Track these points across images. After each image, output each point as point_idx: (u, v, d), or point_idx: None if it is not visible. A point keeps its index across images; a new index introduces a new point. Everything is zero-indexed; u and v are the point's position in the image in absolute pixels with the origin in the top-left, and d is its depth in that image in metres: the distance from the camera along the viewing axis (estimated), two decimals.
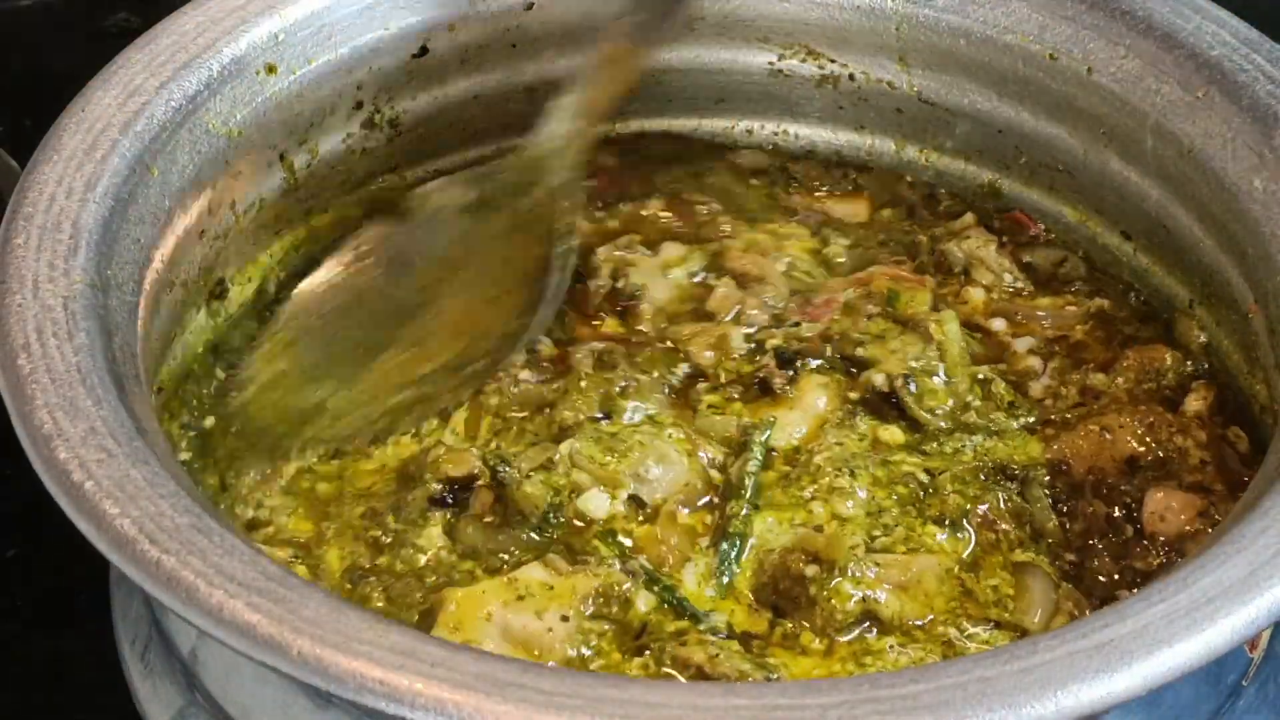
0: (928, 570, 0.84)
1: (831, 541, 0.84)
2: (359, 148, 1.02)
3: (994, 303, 0.99)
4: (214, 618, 0.67)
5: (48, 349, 0.77)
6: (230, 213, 0.95)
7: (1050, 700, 0.65)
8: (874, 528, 0.86)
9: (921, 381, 0.92)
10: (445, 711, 0.64)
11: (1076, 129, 0.99)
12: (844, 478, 0.87)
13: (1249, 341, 0.91)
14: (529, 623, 0.80)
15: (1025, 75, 1.00)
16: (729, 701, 0.65)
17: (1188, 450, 0.89)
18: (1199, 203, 0.93)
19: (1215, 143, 0.91)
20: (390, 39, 0.99)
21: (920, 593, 0.83)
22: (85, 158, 0.86)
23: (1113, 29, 0.96)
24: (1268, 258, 0.87)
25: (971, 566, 0.85)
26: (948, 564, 0.85)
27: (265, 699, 0.78)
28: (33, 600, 1.01)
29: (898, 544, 0.85)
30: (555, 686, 0.65)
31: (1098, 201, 1.00)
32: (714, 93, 1.08)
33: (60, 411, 0.74)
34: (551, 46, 1.04)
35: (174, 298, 0.91)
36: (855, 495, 0.86)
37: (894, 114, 1.06)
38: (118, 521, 0.70)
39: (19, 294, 0.79)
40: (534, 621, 0.81)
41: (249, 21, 0.94)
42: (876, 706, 0.64)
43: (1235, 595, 0.68)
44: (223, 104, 0.93)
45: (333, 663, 0.65)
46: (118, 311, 0.82)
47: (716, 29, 1.06)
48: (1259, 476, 0.77)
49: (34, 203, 0.83)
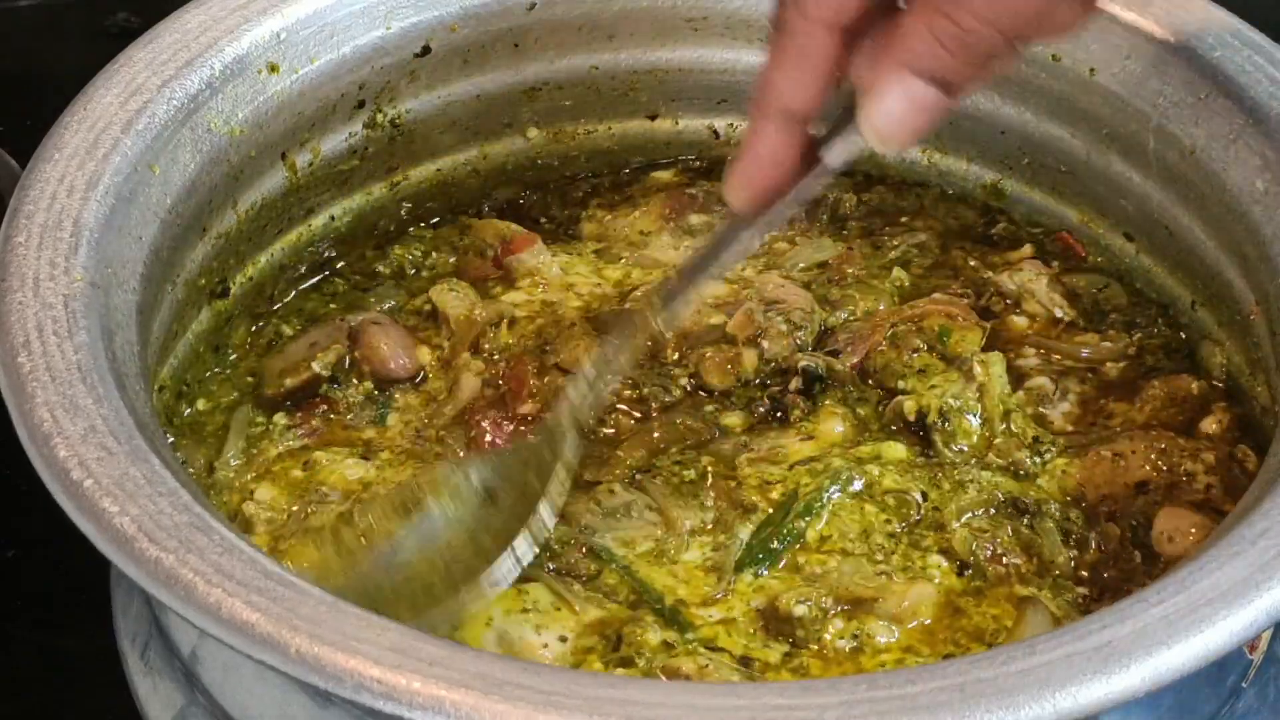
0: (924, 600, 0.83)
1: (823, 577, 0.84)
2: (360, 147, 1.02)
3: (1034, 335, 0.98)
4: (212, 616, 0.67)
5: (48, 347, 0.77)
6: (232, 212, 0.95)
7: (1048, 701, 0.64)
8: (870, 553, 0.85)
9: (957, 420, 0.90)
10: (443, 710, 0.64)
11: (1079, 130, 0.99)
12: (832, 491, 0.87)
13: (1250, 343, 0.91)
14: (526, 635, 0.80)
15: (1028, 76, 1.00)
16: (727, 701, 0.65)
17: (1196, 474, 0.89)
18: (1201, 204, 0.93)
19: (1217, 144, 0.91)
20: (392, 38, 0.99)
21: (918, 626, 0.82)
22: (87, 156, 0.86)
23: (1114, 30, 0.96)
24: (1269, 260, 0.87)
25: (974, 593, 0.84)
26: (946, 594, 0.84)
27: (265, 698, 0.78)
28: (33, 600, 1.01)
29: (896, 571, 0.85)
30: (553, 686, 0.65)
31: (1100, 203, 1.00)
32: (715, 93, 1.08)
33: (60, 410, 0.74)
34: (553, 47, 1.05)
35: (175, 296, 0.91)
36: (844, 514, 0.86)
37: None
38: (117, 520, 0.70)
39: (20, 292, 0.79)
40: (531, 635, 0.80)
41: (251, 20, 0.94)
42: (874, 706, 0.64)
43: (1235, 597, 0.68)
44: (224, 103, 0.93)
45: (331, 661, 0.65)
46: (118, 310, 0.82)
47: (719, 29, 1.06)
48: (1259, 478, 0.77)
49: (35, 201, 0.83)
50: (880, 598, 0.83)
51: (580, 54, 1.05)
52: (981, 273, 1.02)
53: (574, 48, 1.05)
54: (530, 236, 1.03)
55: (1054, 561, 0.85)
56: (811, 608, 0.82)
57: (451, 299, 0.98)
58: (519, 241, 1.02)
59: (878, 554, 0.85)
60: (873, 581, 0.84)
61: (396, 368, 0.95)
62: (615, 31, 1.05)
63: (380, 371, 0.95)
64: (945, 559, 0.85)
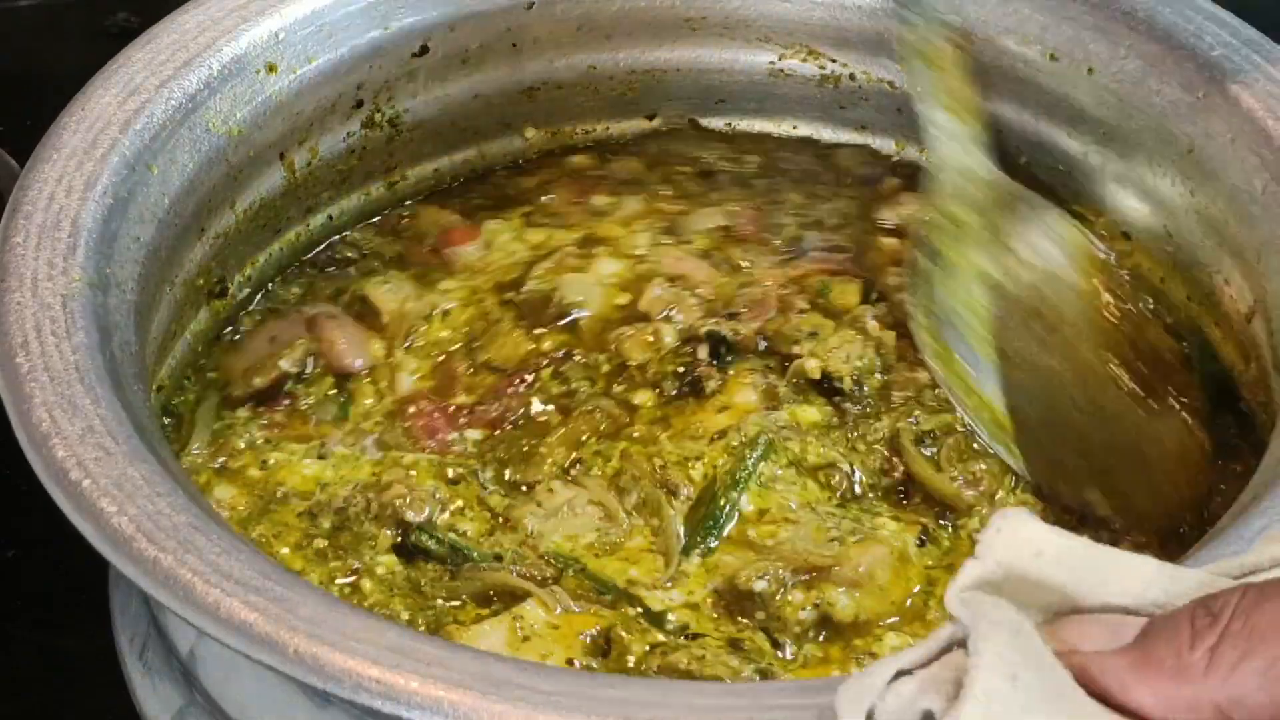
0: (879, 563, 0.84)
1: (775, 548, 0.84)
2: (359, 147, 1.02)
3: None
4: (211, 616, 0.67)
5: (46, 347, 0.77)
6: (230, 212, 0.95)
7: None
8: (820, 521, 0.86)
9: (868, 381, 0.92)
10: (442, 710, 0.64)
11: (1077, 129, 0.99)
12: (764, 463, 0.87)
13: (1248, 343, 0.91)
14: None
15: (1026, 75, 1.00)
16: (726, 701, 0.65)
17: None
18: (1199, 204, 0.93)
19: (1216, 143, 0.91)
20: (391, 38, 0.99)
21: (874, 587, 0.83)
22: (85, 156, 0.86)
23: (1113, 29, 0.96)
24: (1268, 259, 0.87)
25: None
26: (898, 549, 0.84)
27: (264, 698, 0.78)
28: (33, 600, 1.01)
29: (846, 536, 0.85)
30: (552, 685, 0.65)
31: (1098, 202, 1.00)
32: (714, 92, 1.08)
33: (58, 410, 0.74)
34: (552, 46, 1.05)
35: (173, 297, 0.91)
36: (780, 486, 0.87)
37: (895, 114, 1.06)
38: (115, 520, 0.70)
39: (18, 292, 0.79)
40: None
41: (249, 20, 0.94)
42: None
43: None
44: (223, 103, 0.93)
45: (329, 661, 0.65)
46: (117, 310, 0.82)
47: (717, 29, 1.06)
48: (1258, 476, 0.77)
49: (33, 201, 0.83)
50: (837, 565, 0.83)
51: (579, 54, 1.05)
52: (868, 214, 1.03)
53: (572, 48, 1.05)
54: (469, 230, 1.03)
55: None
56: (771, 581, 0.82)
57: (384, 292, 0.98)
58: (458, 234, 1.02)
59: (827, 521, 0.86)
60: (826, 549, 0.84)
61: (351, 362, 0.95)
62: (613, 31, 1.05)
63: (336, 366, 0.94)
64: (892, 519, 0.86)
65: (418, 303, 0.97)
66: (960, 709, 0.51)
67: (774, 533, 0.86)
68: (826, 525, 0.86)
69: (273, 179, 0.98)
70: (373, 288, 0.98)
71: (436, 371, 0.94)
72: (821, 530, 0.85)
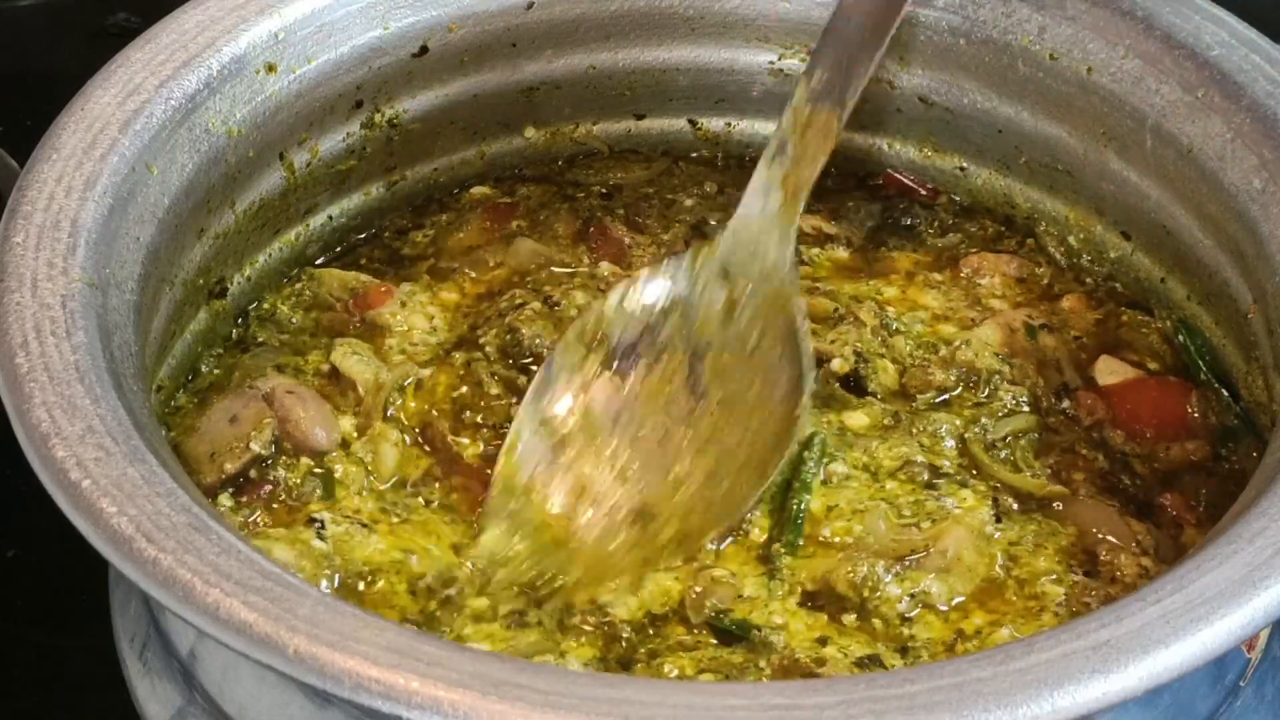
0: (962, 543, 0.84)
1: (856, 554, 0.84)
2: (358, 147, 1.02)
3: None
4: (210, 616, 0.67)
5: (46, 347, 0.77)
6: (230, 212, 0.96)
7: (1046, 701, 0.65)
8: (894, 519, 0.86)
9: (877, 364, 0.93)
10: (441, 710, 0.64)
11: (1076, 129, 0.99)
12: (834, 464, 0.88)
13: (1248, 342, 0.91)
14: None
15: (1025, 75, 1.00)
16: (725, 701, 0.65)
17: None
18: (1198, 203, 0.93)
19: (1215, 143, 0.91)
20: (390, 38, 0.99)
21: (962, 569, 0.83)
22: (85, 156, 0.86)
23: (1112, 29, 0.96)
24: (1267, 258, 0.87)
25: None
26: (977, 526, 0.85)
27: (263, 698, 0.78)
28: (32, 600, 1.01)
29: (922, 520, 0.85)
30: (551, 686, 0.65)
31: (1098, 201, 1.00)
32: (714, 92, 1.08)
33: (58, 410, 0.74)
34: (551, 46, 1.05)
35: (173, 297, 0.91)
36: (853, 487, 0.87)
37: (894, 114, 1.06)
38: (115, 520, 0.70)
39: (17, 292, 0.79)
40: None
41: (249, 20, 0.94)
42: (873, 706, 0.64)
43: (1232, 595, 0.68)
44: (222, 103, 0.93)
45: (329, 661, 0.65)
46: (116, 310, 0.82)
47: (717, 29, 1.06)
48: (1257, 477, 0.77)
49: (33, 201, 0.83)
50: (923, 552, 0.84)
51: (578, 54, 1.05)
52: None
53: (571, 48, 1.05)
54: (385, 290, 0.98)
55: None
56: (868, 576, 0.82)
57: (355, 364, 0.93)
58: (374, 296, 0.98)
59: (902, 509, 0.86)
60: (903, 535, 0.85)
61: (321, 440, 0.89)
62: (612, 31, 1.05)
63: (304, 446, 0.89)
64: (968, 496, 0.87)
65: (390, 374, 0.92)
66: None
67: (848, 529, 0.86)
68: (904, 513, 0.86)
69: (272, 179, 0.98)
70: (341, 359, 0.93)
71: (423, 440, 0.91)
72: (893, 518, 0.86)
